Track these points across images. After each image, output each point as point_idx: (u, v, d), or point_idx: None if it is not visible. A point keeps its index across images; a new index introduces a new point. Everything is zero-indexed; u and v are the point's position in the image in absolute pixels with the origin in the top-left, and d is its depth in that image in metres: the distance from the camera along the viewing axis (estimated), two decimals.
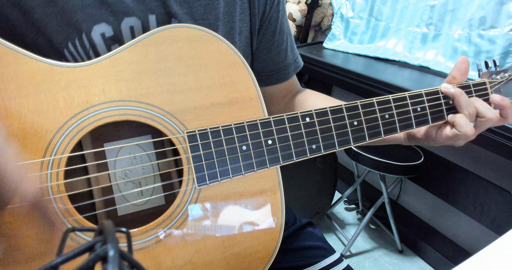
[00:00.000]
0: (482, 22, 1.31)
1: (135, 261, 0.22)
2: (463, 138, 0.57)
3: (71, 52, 0.48)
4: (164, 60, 0.46)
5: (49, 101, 0.41)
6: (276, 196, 0.51)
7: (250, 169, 0.48)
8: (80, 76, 0.43)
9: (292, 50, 0.71)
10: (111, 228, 0.23)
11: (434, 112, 0.59)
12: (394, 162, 1.48)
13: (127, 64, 0.44)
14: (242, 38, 0.61)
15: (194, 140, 0.46)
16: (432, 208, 1.73)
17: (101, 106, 0.43)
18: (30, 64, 0.41)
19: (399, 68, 1.54)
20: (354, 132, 0.54)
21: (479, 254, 0.44)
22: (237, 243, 0.49)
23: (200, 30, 0.48)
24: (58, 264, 0.21)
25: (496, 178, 1.43)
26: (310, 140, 0.51)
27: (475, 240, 1.57)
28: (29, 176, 0.36)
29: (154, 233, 0.45)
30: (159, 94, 0.46)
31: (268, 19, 0.63)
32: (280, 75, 0.70)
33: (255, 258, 0.50)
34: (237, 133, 0.48)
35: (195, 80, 0.47)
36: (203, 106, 0.48)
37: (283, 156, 0.50)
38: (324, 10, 1.92)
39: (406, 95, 0.57)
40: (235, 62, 0.50)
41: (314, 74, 1.64)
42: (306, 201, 1.73)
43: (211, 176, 0.47)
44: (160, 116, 0.45)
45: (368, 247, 1.82)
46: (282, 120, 0.50)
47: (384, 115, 0.55)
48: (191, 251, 0.46)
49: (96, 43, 0.48)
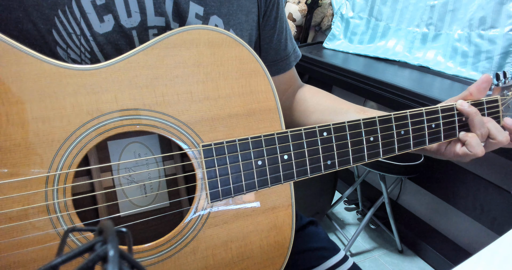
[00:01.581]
0: (482, 22, 1.31)
1: (135, 261, 0.22)
2: (472, 157, 0.57)
3: (62, 21, 0.44)
4: (182, 66, 0.43)
5: (56, 108, 0.38)
6: (287, 212, 0.50)
7: (265, 185, 0.47)
8: (90, 81, 0.39)
9: (291, 39, 0.70)
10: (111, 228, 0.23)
11: (447, 129, 0.58)
12: (394, 162, 1.48)
13: (142, 68, 0.41)
14: (249, 19, 0.59)
15: (210, 154, 0.44)
16: (432, 208, 1.73)
17: (112, 114, 0.40)
18: (33, 64, 0.37)
19: (399, 68, 1.54)
20: (369, 149, 0.53)
21: (479, 254, 0.44)
22: (247, 258, 0.48)
23: (222, 33, 0.45)
24: (58, 264, 0.21)
25: (496, 178, 1.43)
26: (326, 156, 0.50)
27: (475, 240, 1.57)
28: None
29: (165, 249, 0.43)
30: (175, 103, 0.43)
31: (271, 4, 0.62)
32: (282, 65, 0.69)
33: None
34: (254, 147, 0.46)
35: (214, 88, 0.45)
36: (220, 117, 0.45)
37: (298, 172, 0.49)
38: (324, 10, 1.92)
39: (423, 111, 0.56)
40: (256, 70, 0.48)
41: (314, 74, 1.63)
42: (306, 201, 1.73)
43: (224, 192, 0.45)
44: (175, 127, 0.43)
45: (368, 247, 1.82)
46: (300, 135, 0.48)
47: (400, 131, 0.55)
48: (201, 267, 0.45)
49: (87, 12, 0.44)
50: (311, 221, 0.72)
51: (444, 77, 1.42)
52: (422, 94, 1.18)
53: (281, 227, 0.50)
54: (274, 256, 0.50)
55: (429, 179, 1.66)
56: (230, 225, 0.47)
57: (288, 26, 0.69)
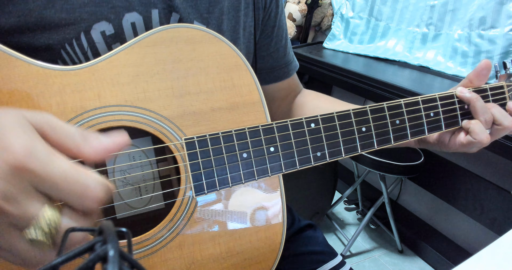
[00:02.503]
0: (482, 22, 1.31)
1: (135, 261, 0.22)
2: (478, 146, 0.55)
3: (68, 52, 0.46)
4: (162, 63, 0.44)
5: (43, 106, 0.39)
6: (277, 207, 0.50)
7: (251, 178, 0.46)
8: (74, 80, 0.41)
9: (290, 48, 0.70)
10: (111, 228, 0.23)
11: (447, 117, 0.56)
12: (394, 162, 1.48)
13: (124, 67, 0.42)
14: (246, 33, 0.59)
15: (193, 147, 0.44)
16: (432, 208, 1.73)
17: (95, 111, 0.41)
18: (22, 67, 0.39)
19: (399, 68, 1.54)
20: (362, 139, 0.51)
21: (479, 254, 0.44)
22: (236, 254, 0.48)
23: (201, 31, 0.46)
24: (58, 264, 0.21)
25: (496, 178, 1.43)
26: (315, 148, 0.49)
27: (475, 240, 1.57)
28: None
29: (150, 243, 0.43)
30: (157, 99, 0.44)
31: (268, 14, 0.62)
32: (280, 73, 0.68)
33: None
34: (238, 139, 0.45)
35: (195, 83, 0.45)
36: (203, 111, 0.46)
37: (285, 164, 0.47)
38: (324, 10, 1.92)
39: (419, 100, 0.54)
40: (238, 64, 0.48)
41: (314, 74, 1.64)
42: (306, 201, 1.73)
43: (209, 185, 0.45)
44: (157, 121, 0.44)
45: (368, 247, 1.82)
46: (286, 126, 0.47)
47: (394, 121, 0.53)
48: (188, 262, 0.45)
49: (96, 42, 0.46)
50: (309, 224, 0.71)
51: (444, 77, 1.42)
52: (422, 94, 1.18)
53: (271, 222, 0.50)
54: (266, 252, 0.49)
55: (429, 179, 1.66)
56: (217, 219, 0.47)
57: (288, 37, 0.69)
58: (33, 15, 0.42)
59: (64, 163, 0.27)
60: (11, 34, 0.42)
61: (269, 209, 0.50)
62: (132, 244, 0.43)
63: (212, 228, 0.47)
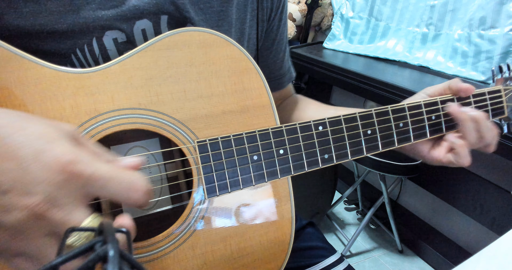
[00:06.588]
0: (482, 22, 1.31)
1: (135, 261, 0.22)
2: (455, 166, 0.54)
3: (79, 57, 0.46)
4: (175, 66, 0.44)
5: (56, 109, 0.39)
6: (286, 207, 0.50)
7: (261, 179, 0.47)
8: (88, 83, 0.41)
9: (287, 60, 0.71)
10: (111, 228, 0.23)
11: (448, 120, 0.57)
12: (394, 162, 1.48)
13: (137, 70, 0.43)
14: (250, 45, 0.61)
15: (205, 150, 0.45)
16: (432, 208, 1.73)
17: (109, 114, 0.41)
18: (35, 69, 0.38)
19: (399, 68, 1.54)
20: (367, 142, 0.52)
21: (479, 254, 0.44)
22: (246, 254, 0.48)
23: (213, 34, 0.46)
24: (58, 264, 0.21)
25: (496, 178, 1.43)
26: (323, 150, 0.50)
27: (475, 240, 1.57)
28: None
29: (163, 245, 0.44)
30: (169, 102, 0.44)
31: (270, 27, 0.63)
32: (274, 84, 0.70)
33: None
34: (249, 142, 0.46)
35: (206, 86, 0.46)
36: (214, 114, 0.46)
37: (294, 166, 0.49)
38: (324, 10, 1.92)
39: (421, 103, 0.55)
40: (248, 68, 0.48)
41: (314, 74, 1.64)
42: (306, 201, 1.73)
43: (221, 187, 0.45)
44: (170, 124, 0.44)
45: (368, 247, 1.82)
46: (295, 129, 0.48)
47: (398, 124, 0.54)
48: (200, 263, 0.46)
49: (108, 48, 0.47)
50: (309, 222, 0.73)
51: (444, 77, 1.42)
52: None
53: (281, 223, 0.50)
54: (276, 252, 0.50)
55: (429, 179, 1.66)
56: (228, 221, 0.47)
57: (287, 48, 0.70)
58: (44, 30, 0.42)
59: (105, 164, 0.29)
60: (20, 37, 0.42)
61: (279, 210, 0.50)
62: (146, 246, 0.43)
63: (223, 229, 0.47)
